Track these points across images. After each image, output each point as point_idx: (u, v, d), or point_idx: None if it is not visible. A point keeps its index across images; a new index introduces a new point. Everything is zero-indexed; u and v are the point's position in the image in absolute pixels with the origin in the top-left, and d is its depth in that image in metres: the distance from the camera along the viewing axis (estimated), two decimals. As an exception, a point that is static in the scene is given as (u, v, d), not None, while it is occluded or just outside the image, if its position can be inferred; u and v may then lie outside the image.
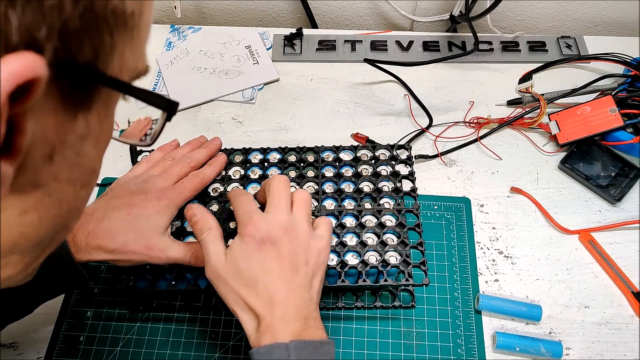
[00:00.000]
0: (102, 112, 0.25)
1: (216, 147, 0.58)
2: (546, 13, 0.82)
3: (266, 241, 0.43)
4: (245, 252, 0.43)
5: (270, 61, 0.76)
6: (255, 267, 0.42)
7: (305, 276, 0.43)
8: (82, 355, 0.54)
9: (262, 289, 0.41)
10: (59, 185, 0.24)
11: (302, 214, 0.45)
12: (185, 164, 0.54)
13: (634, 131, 0.65)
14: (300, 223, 0.45)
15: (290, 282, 0.42)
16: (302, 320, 0.41)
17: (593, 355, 0.54)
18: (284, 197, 0.46)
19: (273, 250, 0.43)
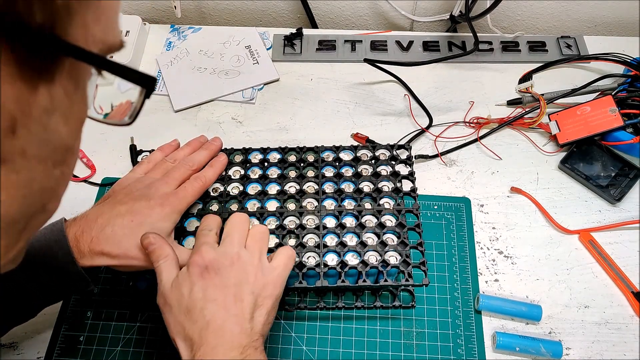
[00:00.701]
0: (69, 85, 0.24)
1: (217, 148, 0.58)
2: (546, 13, 0.82)
3: (210, 269, 0.43)
4: (188, 279, 0.43)
5: (270, 61, 0.76)
6: (196, 294, 0.42)
7: (248, 306, 0.42)
8: (82, 355, 0.54)
9: (199, 315, 0.41)
10: (27, 162, 0.23)
11: (255, 247, 0.45)
12: (187, 168, 0.54)
13: (634, 131, 0.65)
14: (250, 255, 0.45)
15: (230, 310, 0.41)
16: (239, 349, 0.40)
17: (593, 355, 0.54)
18: (237, 231, 0.46)
19: (216, 278, 0.42)
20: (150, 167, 0.55)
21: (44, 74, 0.22)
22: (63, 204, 0.48)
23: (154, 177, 0.53)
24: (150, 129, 0.70)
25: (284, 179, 0.57)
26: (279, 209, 0.55)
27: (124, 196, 0.50)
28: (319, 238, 0.53)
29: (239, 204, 0.56)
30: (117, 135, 0.70)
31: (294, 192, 0.56)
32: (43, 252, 0.45)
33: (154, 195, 0.50)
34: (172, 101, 0.72)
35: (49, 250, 0.45)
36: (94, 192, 0.64)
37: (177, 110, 0.72)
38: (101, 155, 0.68)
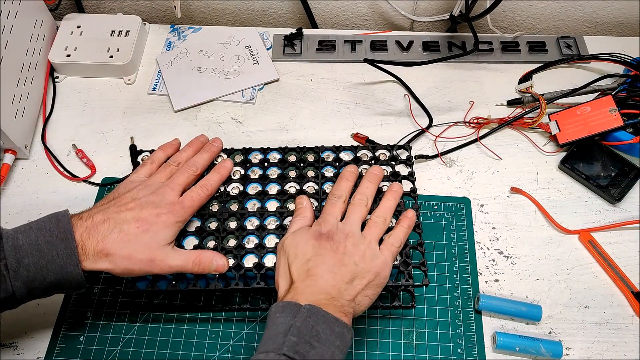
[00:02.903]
0: None
1: (217, 150, 0.59)
2: (546, 13, 0.82)
3: (324, 236, 0.48)
4: (304, 237, 0.48)
5: (270, 61, 0.76)
6: (307, 247, 0.47)
7: (348, 273, 0.46)
8: (82, 355, 0.54)
9: (304, 262, 0.46)
10: None
11: (370, 233, 0.49)
12: (191, 173, 0.55)
13: (634, 131, 0.65)
14: (365, 239, 0.49)
15: (331, 268, 0.45)
16: (328, 296, 0.44)
17: (593, 355, 0.54)
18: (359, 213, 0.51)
19: (328, 243, 0.47)
20: (153, 168, 0.56)
21: None
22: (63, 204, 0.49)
23: (158, 181, 0.53)
24: (150, 129, 0.70)
25: (284, 179, 0.58)
26: (279, 209, 0.55)
27: (130, 200, 0.50)
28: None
29: (239, 203, 0.56)
30: (117, 135, 0.70)
31: (294, 192, 0.56)
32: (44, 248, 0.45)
33: (160, 204, 0.50)
34: (172, 101, 0.72)
35: (52, 247, 0.45)
36: (94, 192, 0.64)
37: (177, 110, 0.72)
38: (101, 155, 0.68)
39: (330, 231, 0.48)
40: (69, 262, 0.45)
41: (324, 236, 0.48)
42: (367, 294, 0.46)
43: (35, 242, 0.45)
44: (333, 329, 0.42)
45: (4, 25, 0.63)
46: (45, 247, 0.45)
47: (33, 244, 0.45)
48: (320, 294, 0.44)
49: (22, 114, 0.66)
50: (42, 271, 0.45)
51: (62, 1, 0.77)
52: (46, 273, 0.45)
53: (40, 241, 0.45)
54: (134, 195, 0.51)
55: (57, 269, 0.45)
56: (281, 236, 0.53)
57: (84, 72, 0.75)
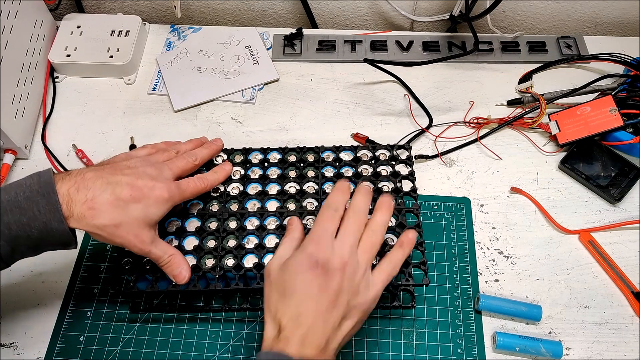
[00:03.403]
0: None
1: (218, 148, 0.58)
2: (546, 13, 0.82)
3: (319, 267, 0.43)
4: (296, 267, 0.43)
5: (270, 61, 0.76)
6: (298, 284, 0.43)
7: (338, 315, 0.43)
8: (82, 355, 0.54)
9: (294, 304, 0.42)
10: None
11: (365, 258, 0.45)
12: (191, 160, 0.54)
13: (634, 131, 0.65)
14: (361, 267, 0.45)
15: (323, 313, 0.42)
16: (317, 349, 0.41)
17: (593, 355, 0.54)
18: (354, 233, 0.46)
19: (322, 278, 0.43)
20: (152, 152, 0.55)
21: None
22: (63, 204, 0.47)
23: (157, 159, 0.52)
24: (150, 129, 0.70)
25: (284, 179, 0.58)
26: (279, 209, 0.55)
27: (126, 167, 0.49)
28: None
29: (239, 204, 0.56)
30: (117, 135, 0.70)
31: (294, 192, 0.56)
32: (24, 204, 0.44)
33: (157, 177, 0.49)
34: (172, 101, 0.72)
35: (32, 203, 0.43)
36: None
37: (177, 110, 0.72)
38: (101, 156, 0.68)
39: (325, 259, 0.43)
40: (53, 217, 0.43)
41: (319, 267, 0.43)
42: (352, 333, 0.44)
43: (14, 199, 0.44)
44: None
45: (4, 25, 0.63)
46: (25, 203, 0.44)
47: (12, 201, 0.44)
48: (309, 347, 0.41)
49: (22, 114, 0.66)
50: (25, 228, 0.44)
51: (62, 1, 0.78)
52: (29, 230, 0.44)
53: (20, 197, 0.44)
54: (131, 164, 0.50)
55: (40, 225, 0.44)
56: (281, 236, 0.53)
57: (84, 72, 0.75)
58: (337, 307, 0.42)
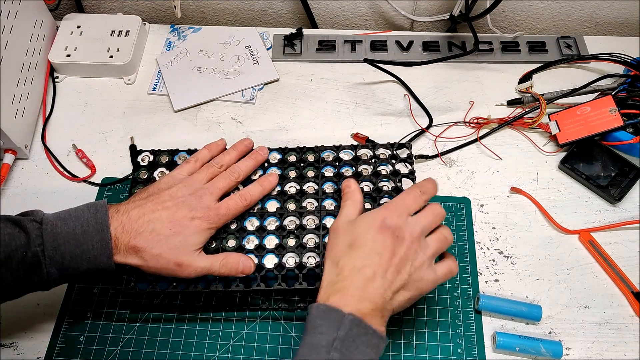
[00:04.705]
0: None
1: (263, 159, 0.58)
2: (546, 13, 0.82)
3: (390, 230, 0.45)
4: (369, 223, 0.46)
5: (270, 61, 0.76)
6: (368, 239, 0.45)
7: (400, 280, 0.44)
8: (82, 355, 0.54)
9: (359, 256, 0.44)
10: None
11: (434, 246, 0.47)
12: (233, 179, 0.55)
13: (634, 131, 0.65)
14: (429, 249, 0.46)
15: (386, 272, 0.43)
16: (373, 305, 0.42)
17: (593, 355, 0.54)
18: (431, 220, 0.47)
19: (392, 240, 0.44)
20: (197, 167, 0.56)
21: None
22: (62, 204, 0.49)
23: (199, 181, 0.53)
24: (150, 129, 0.70)
25: (284, 179, 0.58)
26: (279, 209, 0.55)
27: (168, 199, 0.51)
28: (319, 238, 0.53)
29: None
30: (117, 135, 0.70)
31: (294, 193, 0.56)
32: (81, 238, 0.46)
33: (196, 207, 0.51)
34: (172, 101, 0.72)
35: (88, 237, 0.46)
36: (94, 192, 0.64)
37: (177, 110, 0.72)
38: (101, 155, 0.68)
39: (398, 226, 0.45)
40: (103, 253, 0.47)
41: (390, 230, 0.45)
42: (404, 305, 0.45)
43: (72, 231, 0.46)
44: (371, 342, 0.41)
45: (4, 25, 0.63)
46: (82, 237, 0.46)
47: (71, 233, 0.46)
48: (366, 301, 0.42)
49: (22, 114, 0.66)
50: (77, 260, 0.46)
51: (62, 1, 0.78)
52: (80, 262, 0.47)
53: (77, 230, 0.47)
54: (173, 193, 0.51)
55: (91, 258, 0.47)
56: (281, 237, 0.53)
57: (84, 72, 0.75)
58: (401, 273, 0.44)
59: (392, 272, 0.44)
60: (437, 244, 0.47)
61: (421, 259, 0.45)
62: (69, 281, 0.50)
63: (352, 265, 0.43)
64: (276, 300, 0.56)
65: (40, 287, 0.48)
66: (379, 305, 0.43)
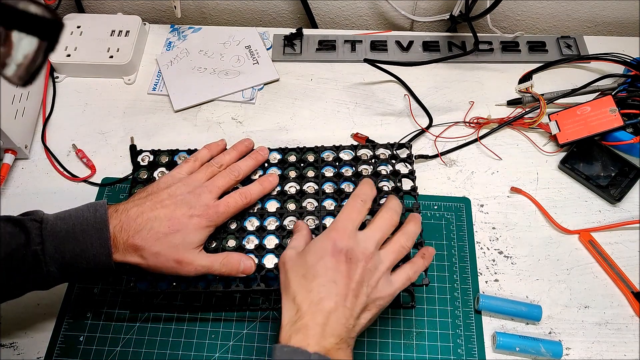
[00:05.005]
0: None
1: (263, 159, 0.58)
2: (546, 13, 0.82)
3: (343, 254, 0.43)
4: (320, 250, 0.44)
5: (270, 61, 0.76)
6: (320, 268, 0.43)
7: (360, 304, 0.43)
8: (82, 355, 0.54)
9: (316, 288, 0.42)
10: None
11: (389, 258, 0.46)
12: (232, 177, 0.54)
13: (634, 131, 0.65)
14: (383, 264, 0.45)
15: (344, 302, 0.42)
16: (337, 338, 0.41)
17: (593, 355, 0.54)
18: (383, 231, 0.46)
19: (345, 265, 0.43)
20: (196, 166, 0.55)
21: None
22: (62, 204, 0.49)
23: (198, 180, 0.53)
24: (150, 129, 0.70)
25: (284, 179, 0.58)
26: (279, 209, 0.55)
27: (166, 197, 0.51)
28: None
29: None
30: (117, 135, 0.70)
31: (294, 193, 0.56)
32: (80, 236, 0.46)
33: (195, 204, 0.50)
34: (172, 101, 0.72)
35: (87, 236, 0.46)
36: (94, 192, 0.64)
37: (177, 110, 0.72)
38: (101, 155, 0.68)
39: (349, 248, 0.44)
40: (102, 251, 0.47)
41: (342, 254, 0.43)
42: (367, 325, 0.45)
43: (72, 230, 0.47)
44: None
45: (4, 25, 0.63)
46: (81, 235, 0.46)
47: (70, 232, 0.46)
48: (330, 336, 0.40)
49: (22, 114, 0.66)
50: (77, 258, 0.46)
51: (62, 1, 0.78)
52: (80, 261, 0.47)
53: (77, 229, 0.47)
54: (172, 192, 0.51)
55: (90, 257, 0.47)
56: (281, 237, 0.53)
57: (84, 72, 0.75)
58: (359, 297, 0.43)
59: (351, 298, 0.42)
60: (392, 255, 0.46)
61: (377, 277, 0.44)
62: (69, 280, 0.50)
63: (309, 300, 0.41)
64: (276, 300, 0.56)
65: (40, 286, 0.48)
66: (344, 337, 0.41)
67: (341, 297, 0.42)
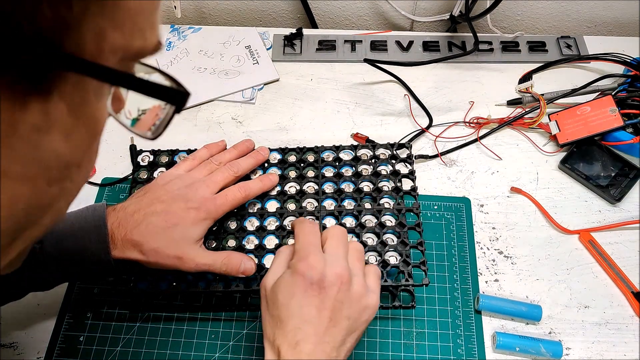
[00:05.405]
0: (75, 99, 0.21)
1: (263, 159, 0.58)
2: (546, 13, 0.82)
3: (315, 285, 0.41)
4: (289, 288, 0.41)
5: (270, 61, 0.76)
6: (293, 307, 0.40)
7: (340, 331, 0.41)
8: (82, 355, 0.54)
9: (291, 330, 0.40)
10: (9, 182, 0.21)
11: (360, 265, 0.44)
12: (231, 173, 0.54)
13: (634, 131, 0.65)
14: (358, 276, 0.43)
15: (323, 334, 0.40)
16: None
17: (593, 355, 0.54)
18: (343, 245, 0.45)
19: (318, 298, 0.41)
20: (194, 164, 0.55)
21: (36, 89, 0.19)
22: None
23: (196, 177, 0.53)
24: (150, 129, 0.70)
25: (284, 179, 0.58)
26: (279, 209, 0.55)
27: (163, 193, 0.50)
28: (319, 238, 0.53)
29: (239, 204, 0.56)
30: (117, 135, 0.69)
31: (294, 193, 0.56)
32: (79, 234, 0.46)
33: (192, 198, 0.50)
34: (172, 101, 0.72)
35: (86, 233, 0.46)
36: (94, 193, 0.64)
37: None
38: (101, 155, 0.66)
39: (321, 275, 0.41)
40: (101, 248, 0.46)
41: (315, 287, 0.41)
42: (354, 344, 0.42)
43: (70, 229, 0.46)
44: None
45: (4, 25, 0.63)
46: (80, 233, 0.46)
47: (69, 230, 0.46)
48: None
49: (22, 114, 0.66)
50: (76, 257, 0.46)
51: (62, 1, 0.77)
52: (79, 259, 0.46)
53: (75, 227, 0.47)
54: (169, 187, 0.51)
55: (90, 255, 0.46)
56: (281, 237, 0.53)
57: (84, 72, 0.75)
58: (338, 325, 0.41)
59: (330, 331, 0.40)
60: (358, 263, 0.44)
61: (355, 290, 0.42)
62: (69, 280, 0.50)
63: (287, 343, 0.39)
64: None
65: (40, 286, 0.48)
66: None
67: (319, 336, 0.40)
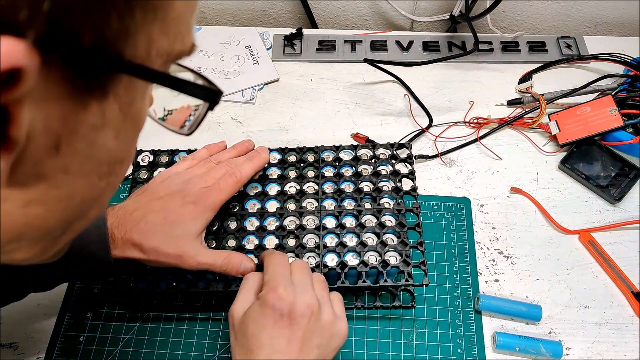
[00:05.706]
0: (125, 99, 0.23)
1: (263, 162, 0.57)
2: (546, 13, 0.82)
3: (285, 317, 0.41)
4: (259, 320, 0.41)
5: (270, 61, 0.76)
6: (264, 338, 0.40)
7: None
8: (82, 355, 0.54)
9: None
10: (69, 177, 0.22)
11: (325, 294, 0.45)
12: (229, 170, 0.54)
13: (634, 131, 0.65)
14: (326, 305, 0.44)
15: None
16: None
17: (593, 355, 0.54)
18: (307, 274, 0.45)
19: (288, 329, 0.41)
20: (194, 164, 0.55)
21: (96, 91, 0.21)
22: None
23: (194, 173, 0.53)
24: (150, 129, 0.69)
25: (284, 179, 0.58)
26: (279, 209, 0.55)
27: (161, 190, 0.51)
28: (319, 238, 0.53)
29: (238, 204, 0.56)
30: (117, 135, 0.70)
31: (294, 193, 0.56)
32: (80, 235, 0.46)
33: (189, 193, 0.50)
34: (172, 101, 0.72)
35: (86, 233, 0.46)
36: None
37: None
38: (101, 156, 0.68)
39: (291, 306, 0.41)
40: (101, 248, 0.46)
41: (285, 318, 0.41)
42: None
43: None
44: None
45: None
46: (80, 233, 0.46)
47: None
48: None
49: (22, 114, 0.66)
50: (76, 256, 0.46)
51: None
52: (79, 259, 0.46)
53: None
54: (166, 184, 0.51)
55: (90, 255, 0.46)
56: (281, 237, 0.53)
57: (84, 72, 0.75)
58: (309, 354, 0.41)
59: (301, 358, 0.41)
60: (324, 292, 0.45)
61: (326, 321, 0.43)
62: (70, 280, 0.50)
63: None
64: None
65: (41, 287, 0.48)
66: None
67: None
